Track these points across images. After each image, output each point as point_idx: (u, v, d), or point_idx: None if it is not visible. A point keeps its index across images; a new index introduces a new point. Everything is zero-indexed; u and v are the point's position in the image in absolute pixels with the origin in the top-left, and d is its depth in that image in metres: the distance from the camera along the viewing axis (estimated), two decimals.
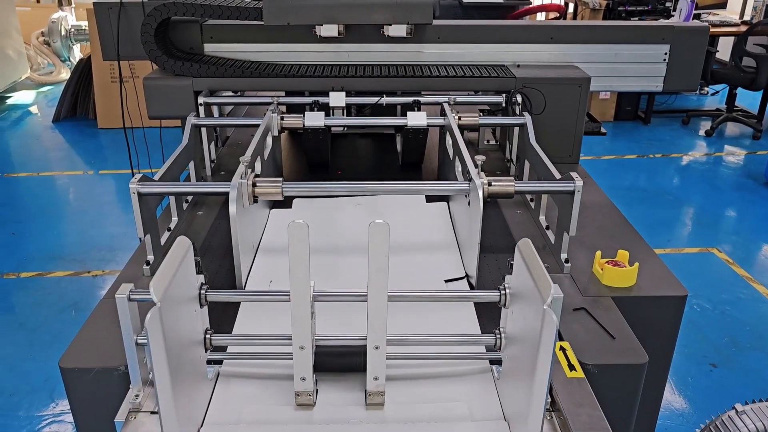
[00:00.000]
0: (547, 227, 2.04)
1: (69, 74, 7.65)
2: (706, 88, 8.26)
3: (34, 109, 7.97)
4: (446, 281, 1.86)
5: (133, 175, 1.75)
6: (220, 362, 1.47)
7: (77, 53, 8.99)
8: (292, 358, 1.31)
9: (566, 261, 1.83)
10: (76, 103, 7.41)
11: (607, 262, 1.78)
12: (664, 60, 2.64)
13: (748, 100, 7.55)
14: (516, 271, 1.34)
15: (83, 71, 7.26)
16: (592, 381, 1.40)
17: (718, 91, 8.09)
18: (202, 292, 1.37)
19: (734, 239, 4.78)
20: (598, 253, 1.82)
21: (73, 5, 9.18)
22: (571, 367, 1.42)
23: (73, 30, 8.88)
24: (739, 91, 6.94)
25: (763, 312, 3.86)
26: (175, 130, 2.38)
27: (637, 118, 7.35)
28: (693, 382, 3.29)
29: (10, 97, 8.26)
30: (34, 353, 3.49)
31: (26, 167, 6.15)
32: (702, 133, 7.04)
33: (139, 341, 1.26)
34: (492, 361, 1.48)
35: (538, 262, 1.21)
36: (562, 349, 1.47)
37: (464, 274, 1.88)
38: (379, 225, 1.18)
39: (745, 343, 3.58)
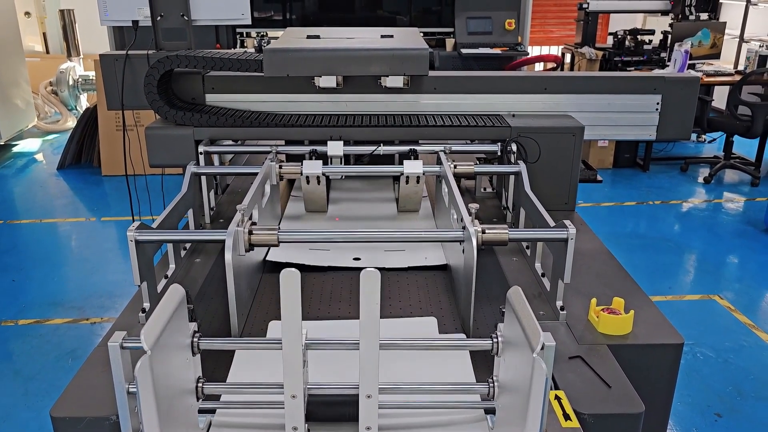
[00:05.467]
0: (543, 274, 2.05)
1: (75, 122, 7.77)
2: (703, 136, 8.35)
3: (39, 156, 8.06)
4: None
5: (133, 222, 1.78)
6: (213, 411, 1.46)
7: (84, 102, 9.16)
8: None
9: (561, 308, 1.83)
10: (81, 151, 7.50)
11: (602, 309, 1.78)
12: (657, 110, 2.69)
13: (745, 147, 7.62)
14: (507, 320, 1.34)
15: (89, 120, 7.37)
16: (588, 431, 1.38)
17: (715, 139, 8.18)
18: (195, 340, 1.37)
19: (736, 286, 4.75)
20: (594, 300, 1.82)
21: (82, 56, 9.39)
22: (567, 417, 1.40)
23: (80, 80, 9.07)
24: (736, 138, 7.02)
25: (767, 360, 3.82)
26: (178, 177, 2.41)
27: (636, 165, 7.41)
28: None
29: (16, 144, 8.38)
30: (30, 402, 3.45)
31: (29, 214, 6.19)
32: (701, 180, 7.08)
33: (131, 390, 1.25)
34: (487, 411, 1.46)
35: (528, 311, 1.21)
36: (557, 398, 1.46)
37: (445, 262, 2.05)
38: (370, 272, 1.19)
39: (749, 392, 3.52)
